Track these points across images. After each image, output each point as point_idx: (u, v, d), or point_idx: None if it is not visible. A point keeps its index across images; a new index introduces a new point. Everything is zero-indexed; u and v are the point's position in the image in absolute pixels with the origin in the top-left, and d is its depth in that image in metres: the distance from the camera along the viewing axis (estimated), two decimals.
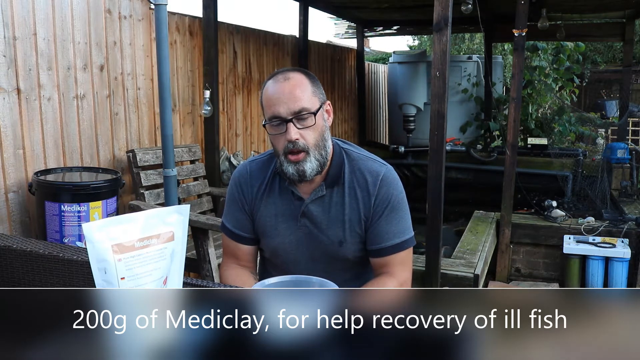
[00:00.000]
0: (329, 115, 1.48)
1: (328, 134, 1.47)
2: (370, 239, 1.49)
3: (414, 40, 14.24)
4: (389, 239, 1.48)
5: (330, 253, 1.50)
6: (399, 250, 1.49)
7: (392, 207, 1.48)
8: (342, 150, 1.52)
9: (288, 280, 1.21)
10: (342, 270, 1.53)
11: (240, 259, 1.60)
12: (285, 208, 1.51)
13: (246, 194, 1.55)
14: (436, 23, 2.86)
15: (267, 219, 1.53)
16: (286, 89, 1.39)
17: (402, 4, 5.75)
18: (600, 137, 7.63)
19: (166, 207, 1.18)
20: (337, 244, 1.49)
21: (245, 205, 1.55)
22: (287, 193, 1.51)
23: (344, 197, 1.48)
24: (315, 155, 1.41)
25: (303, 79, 1.42)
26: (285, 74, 1.42)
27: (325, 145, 1.44)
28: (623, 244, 3.91)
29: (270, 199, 1.53)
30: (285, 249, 1.52)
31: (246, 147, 4.72)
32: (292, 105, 1.37)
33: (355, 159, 1.51)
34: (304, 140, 1.39)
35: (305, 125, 1.39)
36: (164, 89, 2.86)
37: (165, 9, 2.78)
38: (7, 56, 2.52)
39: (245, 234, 1.57)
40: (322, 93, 1.46)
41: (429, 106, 3.46)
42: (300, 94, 1.38)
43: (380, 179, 1.48)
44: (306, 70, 1.49)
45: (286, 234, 1.51)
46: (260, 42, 4.91)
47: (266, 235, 1.54)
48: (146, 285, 1.02)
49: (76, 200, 2.49)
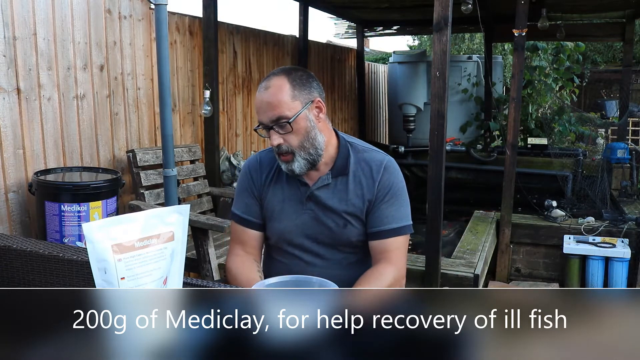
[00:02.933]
0: (320, 111, 1.52)
1: (316, 131, 1.51)
2: (371, 221, 1.55)
3: (414, 40, 14.23)
4: (389, 223, 1.55)
5: (334, 236, 1.56)
6: (397, 234, 1.55)
7: (393, 193, 1.55)
8: (347, 143, 1.60)
9: (288, 280, 1.21)
10: (346, 253, 1.59)
11: (246, 245, 1.64)
12: (292, 193, 1.58)
13: (256, 181, 1.63)
14: (436, 23, 2.85)
15: (275, 204, 1.60)
16: (265, 98, 1.47)
17: (402, 4, 5.75)
18: (600, 137, 7.63)
19: (166, 207, 1.18)
20: (341, 227, 1.55)
21: (255, 191, 1.63)
22: (294, 180, 1.58)
23: (348, 184, 1.56)
24: (302, 155, 1.49)
25: (283, 84, 1.46)
26: (268, 81, 1.48)
27: (313, 144, 1.50)
28: (623, 244, 3.91)
29: (277, 185, 1.60)
30: (291, 231, 1.58)
31: (246, 147, 4.72)
32: (270, 114, 1.46)
33: (360, 150, 1.60)
34: (287, 144, 1.48)
35: (286, 131, 1.47)
36: (164, 89, 2.86)
37: (165, 9, 2.78)
38: (7, 56, 2.52)
39: (253, 218, 1.63)
40: (309, 92, 1.49)
41: (429, 106, 3.46)
42: (277, 103, 1.45)
43: (383, 167, 1.56)
44: (291, 70, 1.52)
45: (292, 217, 1.58)
46: (260, 42, 4.91)
47: (273, 219, 1.60)
48: (146, 285, 1.02)
49: (76, 200, 2.49)
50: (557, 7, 5.55)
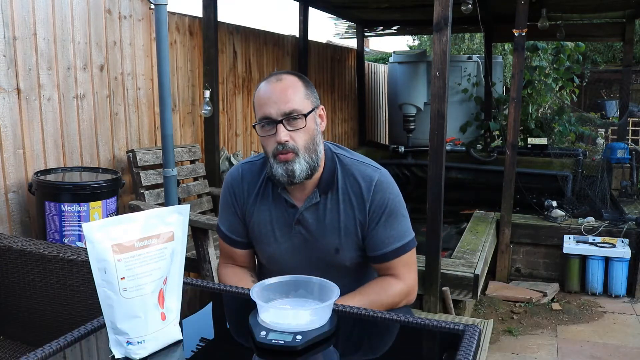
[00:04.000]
0: (322, 120, 1.46)
1: (320, 138, 1.44)
2: (371, 246, 1.47)
3: (414, 40, 14.24)
4: (390, 244, 1.47)
5: (326, 260, 1.48)
6: (402, 253, 1.48)
7: (389, 212, 1.46)
8: (334, 155, 1.49)
9: (288, 280, 1.21)
10: (341, 276, 1.49)
11: (237, 261, 1.60)
12: (279, 215, 1.49)
13: (238, 198, 1.53)
14: (436, 23, 2.85)
15: (262, 226, 1.51)
16: (278, 89, 1.37)
17: (402, 4, 5.75)
18: (600, 137, 7.64)
19: (166, 207, 1.18)
20: (333, 252, 1.47)
21: (238, 210, 1.54)
22: (280, 200, 1.48)
23: (338, 203, 1.46)
24: (305, 158, 1.39)
25: (296, 81, 1.41)
26: (279, 75, 1.41)
27: (316, 150, 1.41)
28: (623, 244, 3.91)
29: (263, 206, 1.51)
30: (282, 256, 1.51)
31: (246, 147, 4.72)
32: (283, 106, 1.36)
33: (348, 164, 1.48)
34: (293, 142, 1.37)
35: (296, 127, 1.37)
36: (164, 89, 2.86)
37: (165, 9, 2.78)
38: (7, 56, 2.52)
39: (239, 238, 1.56)
40: (316, 97, 1.45)
41: (429, 106, 3.46)
42: (292, 95, 1.37)
43: (374, 185, 1.45)
44: (301, 74, 1.48)
45: (281, 241, 1.50)
46: (260, 42, 4.91)
47: (261, 242, 1.53)
48: (146, 285, 1.02)
49: (76, 200, 2.49)
50: (557, 7, 5.55)
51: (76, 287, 1.75)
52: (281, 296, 1.19)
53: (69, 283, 1.76)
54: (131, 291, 1.00)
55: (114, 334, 1.02)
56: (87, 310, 1.72)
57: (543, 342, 3.20)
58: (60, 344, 1.05)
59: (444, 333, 1.14)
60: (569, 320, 3.51)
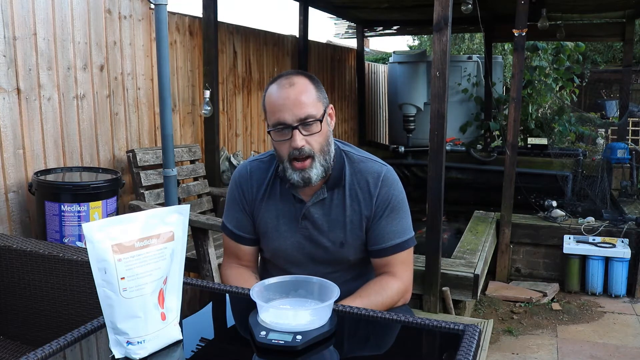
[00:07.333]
0: (331, 119, 1.48)
1: (332, 138, 1.47)
2: (371, 239, 1.49)
3: (414, 40, 14.24)
4: (390, 239, 1.48)
5: (331, 255, 1.50)
6: (400, 250, 1.50)
7: (392, 207, 1.48)
8: (342, 152, 1.51)
9: (288, 280, 1.21)
10: (344, 270, 1.53)
11: (242, 259, 1.60)
12: (286, 210, 1.51)
13: (247, 195, 1.55)
14: (436, 23, 2.85)
15: (269, 221, 1.53)
16: (291, 95, 1.37)
17: (402, 4, 5.74)
18: (600, 137, 7.63)
19: (166, 207, 1.18)
20: (338, 246, 1.49)
21: (246, 206, 1.55)
22: (288, 195, 1.51)
23: (344, 199, 1.48)
24: (320, 161, 1.41)
25: (307, 84, 1.41)
26: (290, 78, 1.40)
27: (329, 150, 1.44)
28: (623, 244, 3.91)
29: (271, 201, 1.53)
30: (287, 250, 1.52)
31: (246, 147, 4.72)
32: (298, 112, 1.36)
33: (356, 160, 1.51)
34: (309, 146, 1.39)
35: (311, 132, 1.38)
36: (164, 89, 2.86)
37: (165, 9, 2.78)
38: (7, 56, 2.52)
39: (246, 234, 1.57)
40: (325, 97, 1.46)
41: (429, 106, 3.46)
42: (306, 100, 1.38)
43: (381, 180, 1.48)
44: (309, 73, 1.49)
45: (287, 235, 1.51)
46: (260, 42, 4.91)
47: (267, 237, 1.54)
48: (146, 285, 1.02)
49: (76, 200, 2.49)
50: (557, 7, 5.55)
51: (76, 287, 1.75)
52: (281, 296, 1.19)
53: (69, 283, 1.76)
54: (131, 291, 1.00)
55: (114, 334, 1.02)
56: (87, 310, 1.72)
57: (543, 342, 3.20)
58: (60, 344, 1.05)
59: (444, 333, 1.14)
60: (569, 320, 3.51)
